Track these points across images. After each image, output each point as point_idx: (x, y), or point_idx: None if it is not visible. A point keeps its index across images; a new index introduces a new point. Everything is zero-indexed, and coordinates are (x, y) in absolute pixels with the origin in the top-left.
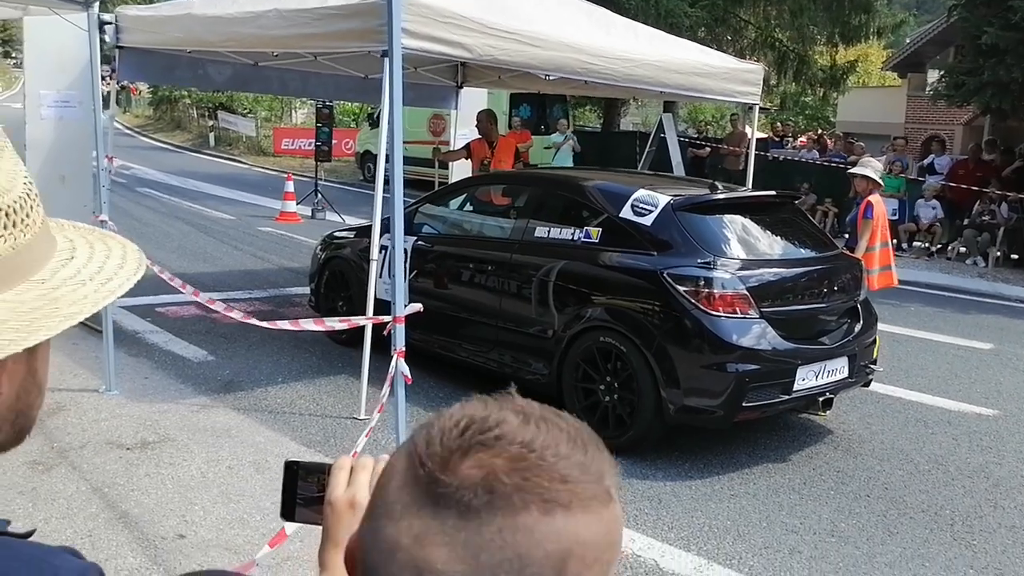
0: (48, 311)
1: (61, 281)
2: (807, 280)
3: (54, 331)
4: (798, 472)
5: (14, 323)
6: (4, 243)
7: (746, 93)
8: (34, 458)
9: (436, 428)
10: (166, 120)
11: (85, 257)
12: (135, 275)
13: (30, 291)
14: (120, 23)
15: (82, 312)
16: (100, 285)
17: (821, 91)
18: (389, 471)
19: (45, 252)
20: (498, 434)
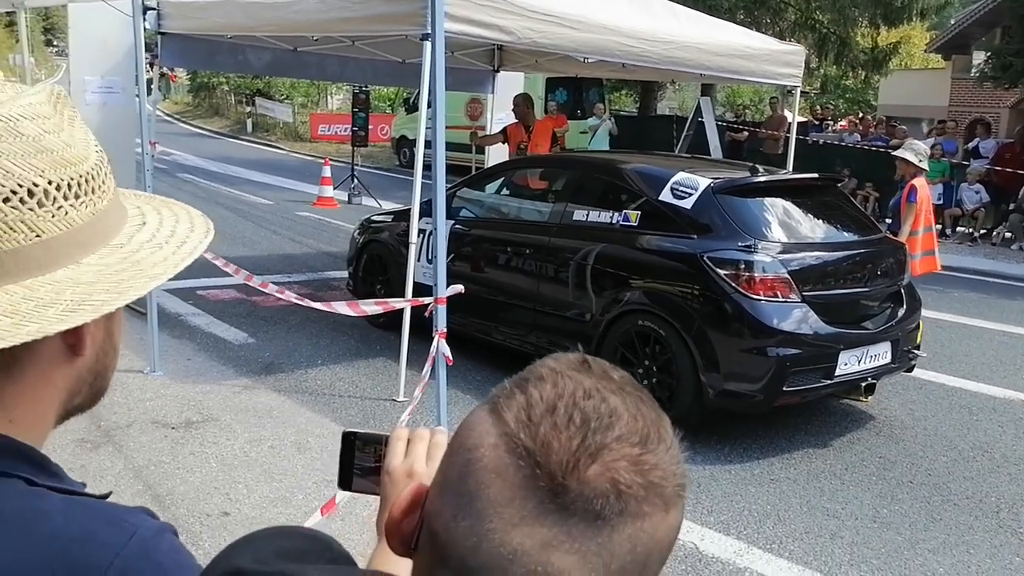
0: (133, 272)
1: (139, 245)
2: (850, 264)
3: (142, 291)
4: (840, 457)
5: (103, 284)
6: (86, 208)
7: (787, 75)
8: (82, 436)
9: (541, 419)
10: (205, 107)
11: (156, 223)
12: (206, 237)
13: (112, 255)
14: (162, 9)
15: (165, 273)
16: (177, 247)
17: (863, 74)
18: (480, 461)
19: (119, 218)
20: (618, 434)
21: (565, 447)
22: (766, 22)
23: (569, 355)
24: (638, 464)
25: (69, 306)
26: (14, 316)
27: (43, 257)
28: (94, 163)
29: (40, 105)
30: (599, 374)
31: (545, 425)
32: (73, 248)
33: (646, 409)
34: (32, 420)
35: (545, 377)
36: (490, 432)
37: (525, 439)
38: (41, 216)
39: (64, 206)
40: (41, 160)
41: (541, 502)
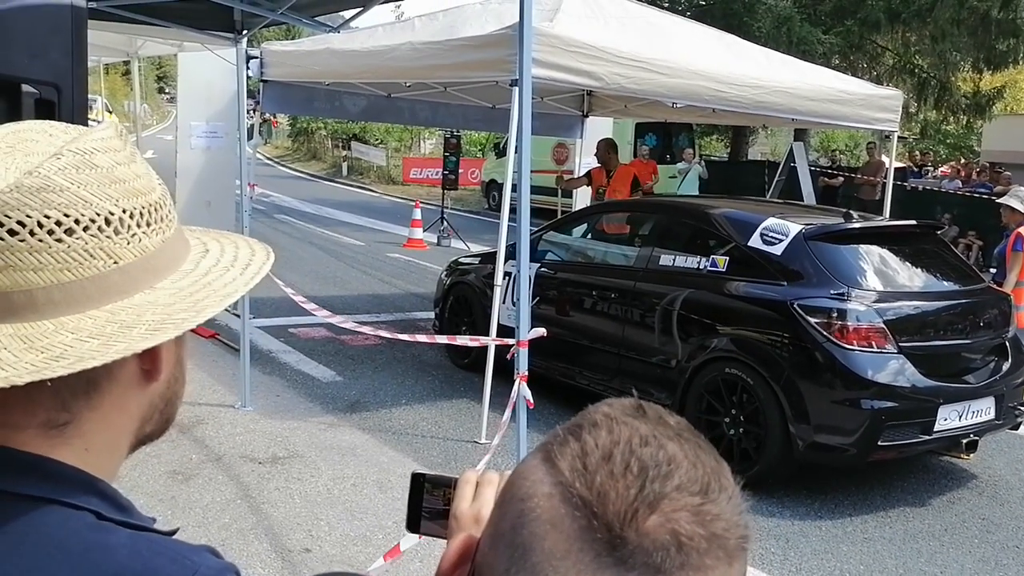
0: (206, 292)
1: (207, 269)
2: (950, 314)
3: (218, 308)
4: (939, 518)
5: (180, 305)
6: (157, 236)
7: (883, 120)
8: (174, 468)
9: (597, 468)
10: (303, 151)
11: (218, 250)
12: (267, 262)
13: (183, 279)
14: (265, 58)
15: (236, 292)
16: (243, 269)
17: (964, 118)
18: (533, 512)
19: (185, 247)
20: (678, 483)
21: (623, 496)
22: (862, 67)
23: (624, 400)
24: (699, 514)
25: (152, 325)
26: (100, 337)
27: (121, 283)
28: (160, 194)
29: (111, 139)
30: (655, 420)
31: (601, 474)
32: (148, 274)
33: (705, 456)
34: (107, 449)
35: (600, 423)
36: (544, 481)
37: (581, 488)
38: (118, 243)
39: (137, 233)
40: (115, 190)
41: (598, 555)
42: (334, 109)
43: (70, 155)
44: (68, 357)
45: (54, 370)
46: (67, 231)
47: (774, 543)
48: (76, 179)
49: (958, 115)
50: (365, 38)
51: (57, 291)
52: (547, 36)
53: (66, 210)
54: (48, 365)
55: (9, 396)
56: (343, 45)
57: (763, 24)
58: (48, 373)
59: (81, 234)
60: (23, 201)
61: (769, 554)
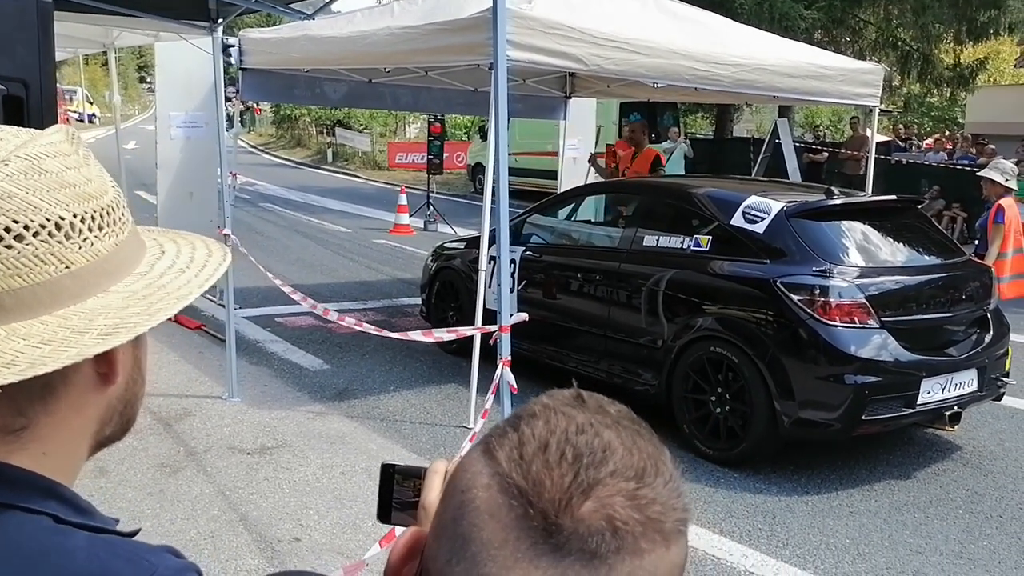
0: (160, 295)
1: (161, 271)
2: (932, 288)
3: (171, 312)
4: (924, 490)
5: (134, 308)
6: (109, 239)
7: (865, 95)
8: (163, 461)
9: (533, 457)
10: (287, 138)
11: (174, 251)
12: (224, 262)
13: (137, 282)
14: (244, 46)
15: (191, 294)
16: (198, 271)
17: (948, 91)
18: (472, 503)
19: (140, 249)
20: (612, 469)
21: (558, 484)
22: (845, 41)
23: (565, 391)
24: (634, 499)
25: (104, 330)
26: (52, 343)
27: (73, 287)
28: (112, 197)
29: (60, 143)
30: (594, 409)
31: (537, 463)
32: (100, 277)
33: (643, 442)
34: (65, 453)
35: (538, 414)
36: (483, 472)
37: (517, 478)
38: (69, 248)
39: (89, 237)
40: (65, 194)
41: (535, 543)
42: (315, 96)
43: (18, 161)
44: (19, 364)
45: (5, 377)
46: (16, 237)
47: (761, 519)
48: (24, 185)
49: (941, 87)
50: (344, 24)
51: (8, 297)
52: (525, 18)
53: (15, 216)
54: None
55: None
56: (321, 31)
57: (745, 1)
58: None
59: (31, 240)
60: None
61: (756, 530)
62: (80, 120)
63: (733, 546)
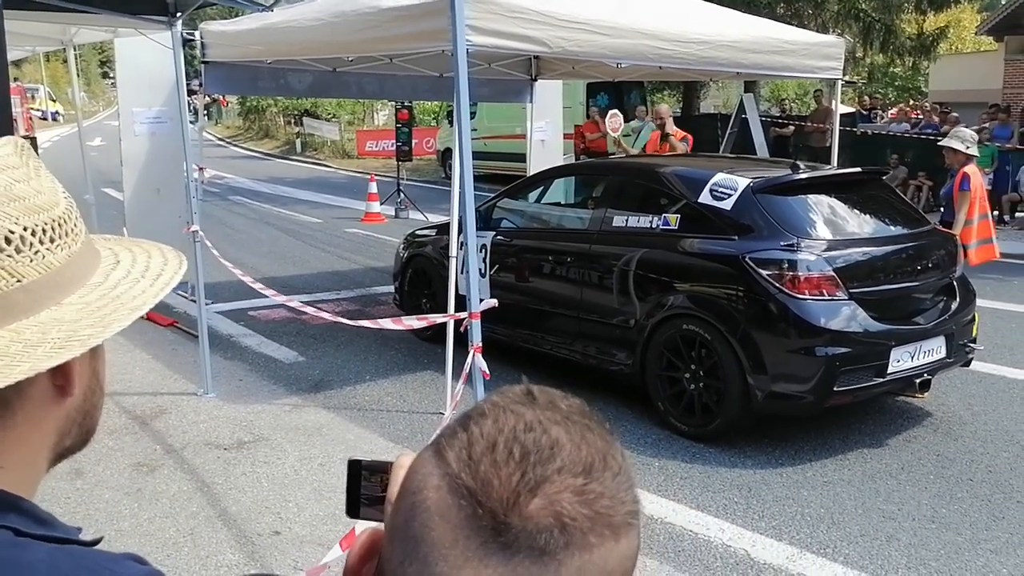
0: (114, 307)
1: (116, 282)
2: (898, 258)
3: (125, 322)
4: (895, 457)
5: (87, 320)
6: (61, 252)
7: (828, 68)
8: (139, 460)
9: (481, 457)
10: (255, 129)
11: (129, 261)
12: (180, 268)
13: (91, 293)
14: (205, 39)
15: (145, 304)
16: (153, 280)
17: (910, 60)
18: (423, 504)
19: (94, 259)
20: (560, 466)
21: (505, 483)
22: (808, 14)
23: (515, 388)
24: (582, 494)
25: (57, 343)
26: (4, 358)
27: (25, 301)
28: (64, 208)
29: (8, 156)
30: (544, 405)
31: (485, 462)
32: (53, 290)
33: (592, 437)
34: (24, 466)
35: (487, 413)
36: (433, 473)
37: (466, 478)
38: (20, 261)
39: (40, 250)
40: (14, 208)
41: (484, 542)
42: (279, 87)
43: None
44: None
45: None
46: None
47: (736, 493)
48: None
49: (904, 57)
50: (303, 12)
51: None
52: (486, 3)
53: None
54: None
55: None
56: (282, 21)
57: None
58: None
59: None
60: None
61: (732, 504)
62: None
63: (710, 520)
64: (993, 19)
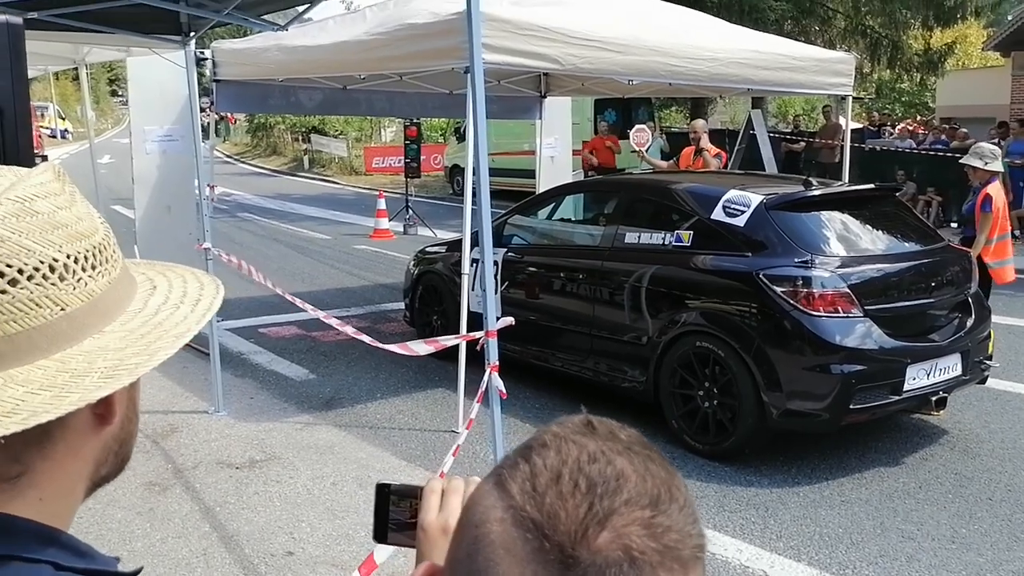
0: (158, 334)
1: (156, 308)
2: (913, 275)
3: (171, 351)
4: (913, 475)
5: (132, 348)
6: (103, 278)
7: (837, 84)
8: (151, 479)
9: (546, 488)
10: (263, 146)
11: (165, 286)
12: (217, 294)
13: (132, 320)
14: (216, 58)
15: (189, 331)
16: (193, 306)
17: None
18: (487, 538)
19: (130, 285)
20: (627, 498)
21: (572, 516)
22: (815, 30)
23: (574, 418)
24: (650, 527)
25: (105, 373)
26: (52, 389)
27: (69, 329)
28: (103, 234)
29: (50, 183)
30: (604, 436)
31: (551, 494)
32: (96, 318)
33: (656, 468)
34: (62, 497)
35: (548, 444)
36: (496, 506)
37: (531, 511)
38: (63, 289)
39: (83, 278)
40: (57, 235)
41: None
42: (290, 105)
43: (9, 203)
44: (20, 412)
45: (7, 427)
46: (11, 282)
47: (753, 512)
48: (16, 228)
49: (911, 73)
50: (316, 31)
51: (4, 343)
52: (498, 20)
53: (8, 261)
54: (0, 422)
55: None
56: (294, 40)
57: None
58: (0, 431)
59: (25, 284)
60: None
61: (749, 523)
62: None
63: (727, 541)
64: (1000, 35)
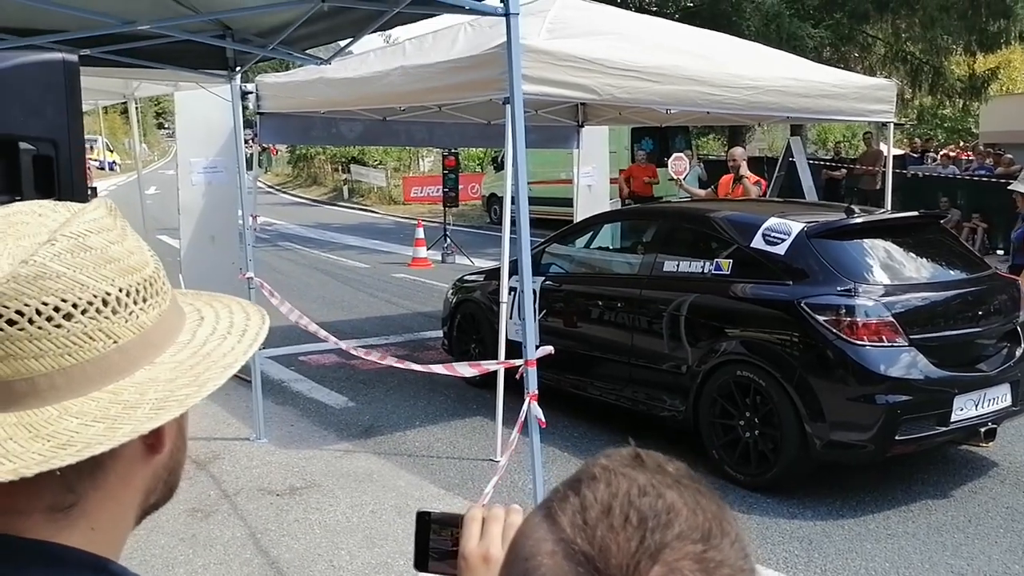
0: (207, 364)
1: (204, 339)
2: (959, 304)
3: (220, 381)
4: (962, 509)
5: (183, 379)
6: (153, 311)
7: (879, 112)
8: (194, 505)
9: (597, 522)
10: (303, 176)
11: (213, 317)
12: (263, 325)
13: (181, 351)
14: (260, 90)
15: (237, 362)
16: (240, 336)
17: (960, 102)
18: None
19: (179, 317)
20: (679, 532)
21: (624, 549)
22: (854, 57)
23: (622, 451)
24: (702, 562)
25: (156, 404)
26: (105, 420)
27: (122, 362)
28: (153, 268)
29: (102, 219)
30: (654, 468)
31: (602, 527)
32: (147, 350)
33: (706, 502)
34: (113, 525)
35: (598, 476)
36: (546, 539)
37: (582, 544)
38: (116, 323)
39: (135, 310)
40: (110, 269)
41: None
42: (331, 136)
43: (64, 240)
44: (75, 444)
45: (62, 459)
46: (66, 316)
47: (797, 545)
48: (72, 263)
49: (953, 99)
50: (357, 64)
51: (59, 376)
52: (537, 52)
53: (63, 295)
54: (56, 454)
55: (14, 483)
56: (336, 74)
57: (752, 22)
58: (56, 462)
59: (80, 317)
60: (20, 290)
61: (793, 556)
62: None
63: (771, 574)
64: None
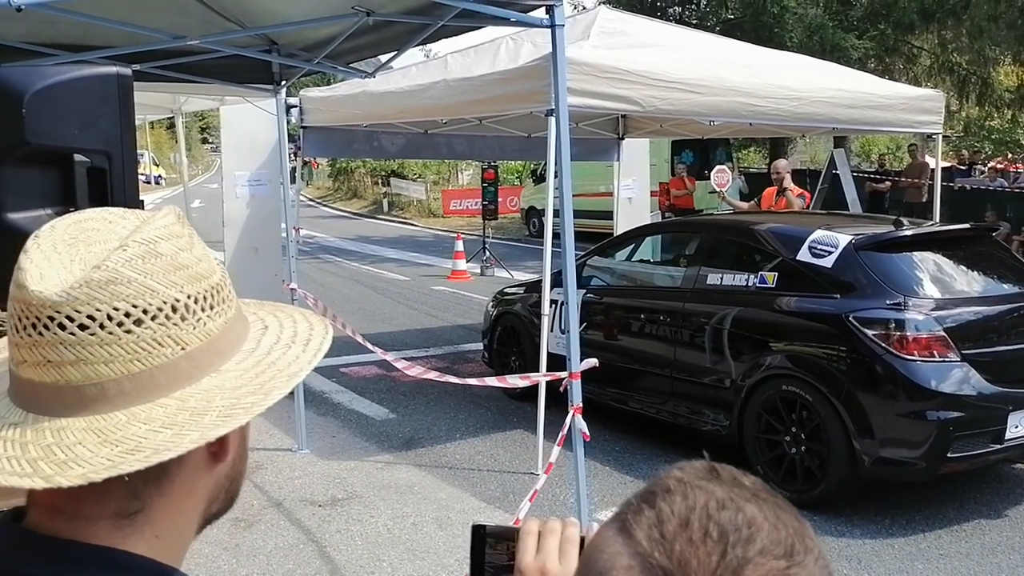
0: (272, 373)
1: (268, 347)
2: (1013, 318)
3: (285, 390)
4: (1017, 529)
5: (248, 388)
6: (220, 318)
7: (926, 123)
8: (237, 515)
9: (675, 535)
10: (344, 190)
11: (276, 326)
12: (327, 335)
13: (246, 359)
14: (304, 104)
15: (302, 371)
16: (304, 346)
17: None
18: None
19: (244, 325)
20: (761, 547)
21: (704, 564)
22: (899, 68)
23: (696, 463)
24: None
25: (223, 411)
26: (173, 427)
27: (189, 369)
28: (220, 275)
29: (172, 226)
30: (730, 482)
31: (680, 541)
32: (213, 357)
33: (786, 517)
34: (176, 533)
35: (673, 489)
36: (621, 553)
37: (660, 558)
38: (184, 329)
39: (202, 317)
40: (179, 276)
41: None
42: (372, 149)
43: (135, 246)
44: (143, 450)
45: (130, 464)
46: (136, 322)
47: (846, 564)
48: (142, 269)
49: (1002, 110)
50: (400, 78)
51: (128, 382)
52: (580, 64)
53: (134, 301)
54: (124, 459)
55: (82, 488)
56: (379, 87)
57: (794, 34)
58: (124, 468)
59: (149, 324)
60: (92, 295)
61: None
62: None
63: None
64: None
